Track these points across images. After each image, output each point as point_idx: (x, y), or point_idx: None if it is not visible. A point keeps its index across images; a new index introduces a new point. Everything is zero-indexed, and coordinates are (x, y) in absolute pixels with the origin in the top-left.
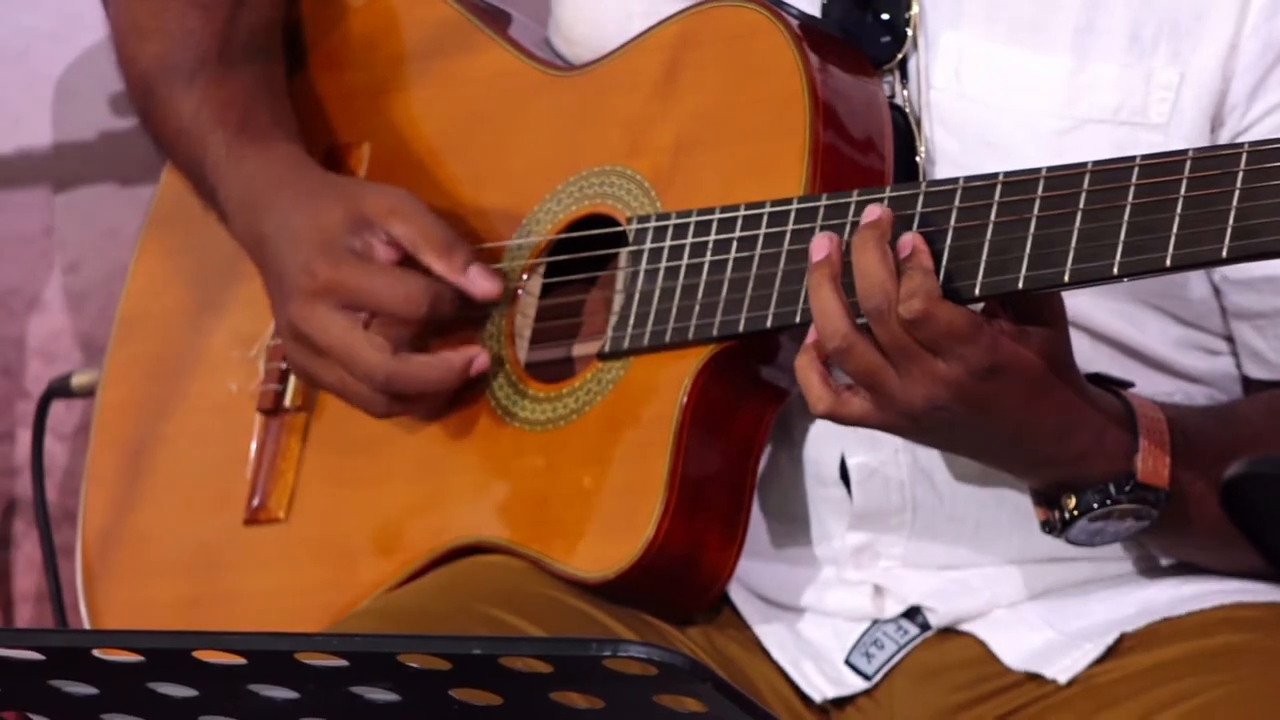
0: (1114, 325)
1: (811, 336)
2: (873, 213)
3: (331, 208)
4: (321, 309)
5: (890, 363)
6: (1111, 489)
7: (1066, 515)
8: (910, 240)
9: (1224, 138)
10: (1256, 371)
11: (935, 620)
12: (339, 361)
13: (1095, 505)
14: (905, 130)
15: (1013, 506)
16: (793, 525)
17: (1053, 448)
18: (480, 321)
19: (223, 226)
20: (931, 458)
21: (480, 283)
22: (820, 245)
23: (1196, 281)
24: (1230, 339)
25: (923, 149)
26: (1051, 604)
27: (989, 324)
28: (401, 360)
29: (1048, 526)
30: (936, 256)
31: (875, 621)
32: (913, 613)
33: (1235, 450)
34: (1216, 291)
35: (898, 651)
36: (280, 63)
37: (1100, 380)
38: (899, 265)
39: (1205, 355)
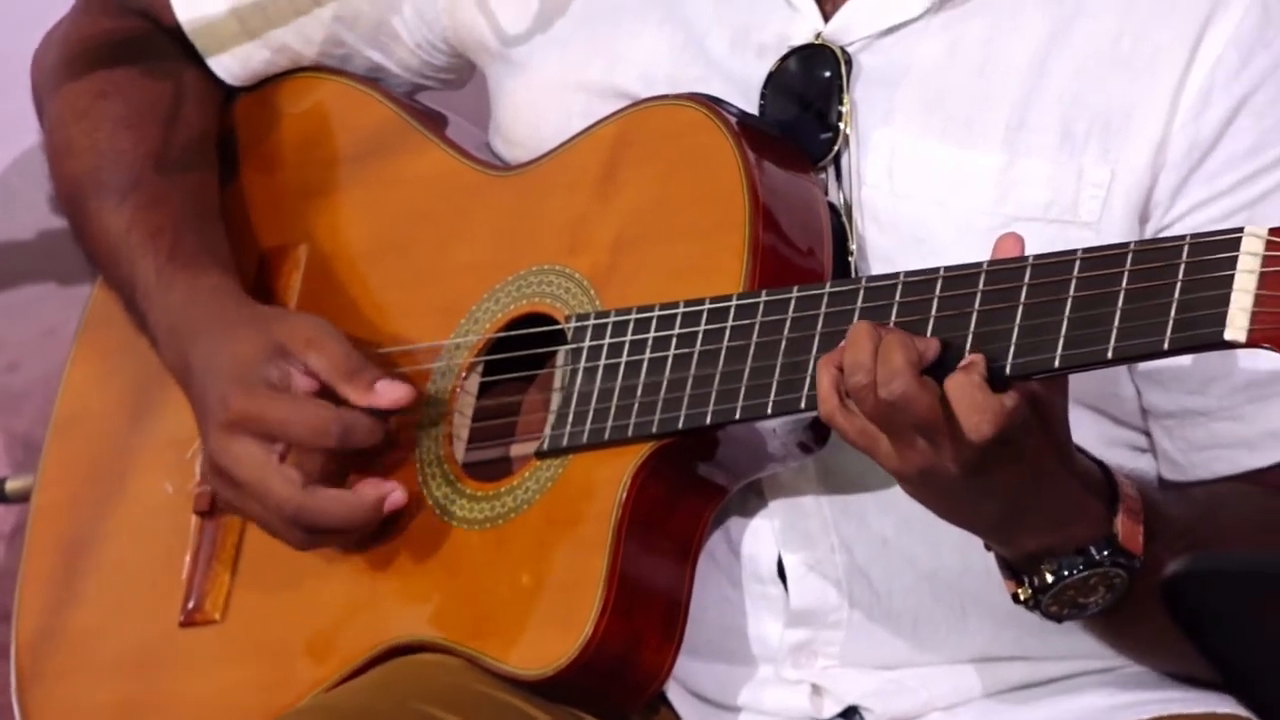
0: None
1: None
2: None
3: (250, 338)
4: (237, 441)
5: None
6: (1093, 551)
7: (1046, 581)
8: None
9: (1148, 234)
10: (1168, 473)
11: None
12: (252, 494)
13: (1077, 569)
14: (838, 227)
15: (948, 604)
16: (731, 623)
17: (1053, 505)
18: (418, 423)
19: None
20: (868, 555)
21: (387, 393)
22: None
23: (1126, 380)
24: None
25: (854, 246)
26: (987, 707)
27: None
28: (311, 494)
29: (1019, 598)
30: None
31: None
32: (850, 713)
33: (1197, 532)
34: (1138, 391)
35: None
36: (213, 171)
37: None
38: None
39: (1134, 454)
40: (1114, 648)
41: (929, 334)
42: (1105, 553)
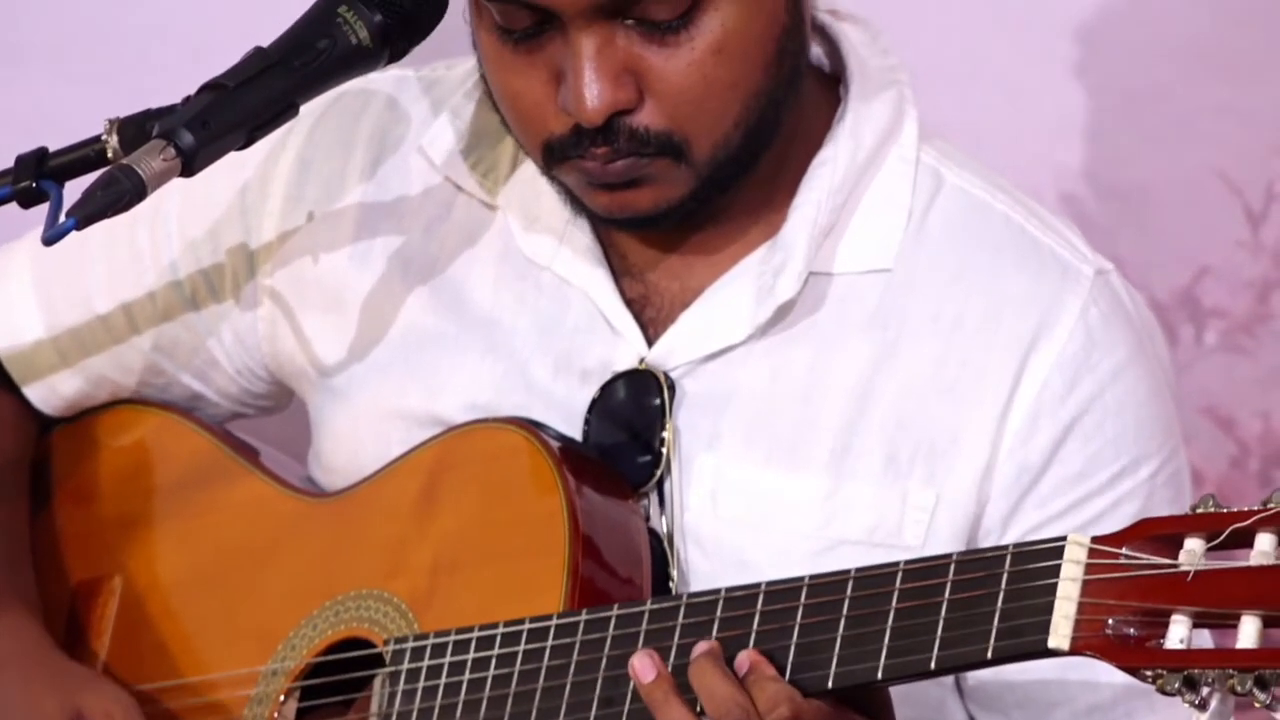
0: None
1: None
2: (702, 646)
3: (50, 695)
4: None
5: None
6: None
7: None
8: (748, 657)
9: None
10: None
11: None
12: None
13: None
14: (660, 551)
15: None
16: None
17: None
18: None
19: None
20: None
21: None
22: (645, 666)
23: (954, 709)
24: None
25: (676, 571)
26: None
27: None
28: None
29: None
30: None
31: None
32: None
33: None
34: (971, 719)
35: None
36: (24, 501)
37: None
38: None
39: None
40: None
41: (749, 648)
42: None
